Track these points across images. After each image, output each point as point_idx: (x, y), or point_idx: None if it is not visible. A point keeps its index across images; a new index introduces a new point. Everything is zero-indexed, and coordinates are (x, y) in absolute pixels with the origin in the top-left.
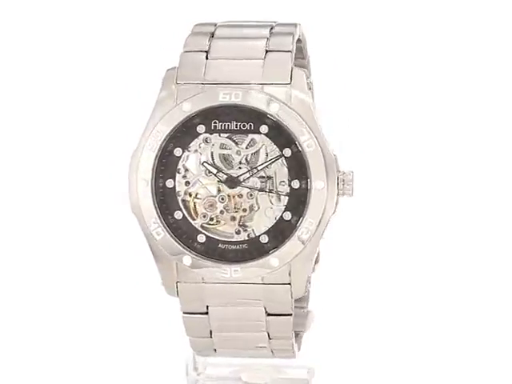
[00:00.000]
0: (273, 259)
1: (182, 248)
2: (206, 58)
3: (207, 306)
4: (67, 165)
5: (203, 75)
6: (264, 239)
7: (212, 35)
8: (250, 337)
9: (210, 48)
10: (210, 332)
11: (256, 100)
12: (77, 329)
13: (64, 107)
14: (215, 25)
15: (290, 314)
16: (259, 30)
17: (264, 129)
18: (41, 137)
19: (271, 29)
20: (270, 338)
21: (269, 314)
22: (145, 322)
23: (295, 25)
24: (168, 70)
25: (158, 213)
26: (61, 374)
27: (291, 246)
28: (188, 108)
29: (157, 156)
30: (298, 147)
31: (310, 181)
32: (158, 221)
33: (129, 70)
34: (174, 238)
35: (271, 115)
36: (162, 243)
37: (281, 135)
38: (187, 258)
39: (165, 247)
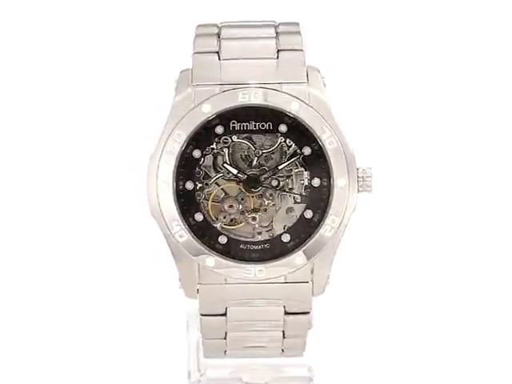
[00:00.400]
0: (298, 257)
1: (205, 249)
2: (219, 59)
3: (226, 308)
4: (71, 167)
5: (219, 76)
6: (286, 238)
7: (218, 36)
8: (263, 336)
9: (220, 49)
10: (225, 333)
11: (276, 99)
12: (76, 328)
13: (68, 110)
14: (217, 26)
15: (308, 312)
16: (264, 29)
17: (283, 128)
18: (45, 140)
19: (275, 28)
20: (283, 337)
21: (287, 313)
22: (146, 323)
23: (297, 24)
24: (182, 71)
25: (180, 215)
26: (63, 374)
27: (315, 244)
28: (208, 109)
29: (177, 158)
30: (318, 145)
31: (333, 178)
32: (181, 223)
33: (127, 72)
34: (196, 240)
35: (291, 114)
36: (184, 245)
37: (300, 134)
38: (210, 260)
39: (188, 249)
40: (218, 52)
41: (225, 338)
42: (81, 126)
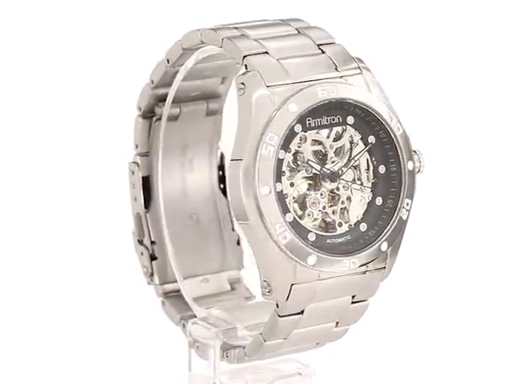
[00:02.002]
0: (382, 245)
1: (306, 248)
2: (275, 59)
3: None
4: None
5: (287, 75)
6: (363, 227)
7: (247, 38)
8: (319, 330)
9: (267, 49)
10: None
11: (347, 92)
12: (76, 328)
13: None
14: (235, 27)
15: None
16: (281, 27)
17: (350, 120)
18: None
19: (289, 25)
20: (335, 327)
21: (353, 302)
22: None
23: (303, 20)
24: (242, 75)
25: (282, 216)
26: (65, 373)
27: (395, 229)
28: (295, 109)
29: (274, 161)
30: (386, 132)
31: (403, 163)
32: (284, 224)
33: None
34: (299, 239)
35: (362, 105)
36: (288, 246)
37: (366, 123)
38: (312, 258)
39: (290, 250)
40: (267, 52)
41: (285, 338)
42: None
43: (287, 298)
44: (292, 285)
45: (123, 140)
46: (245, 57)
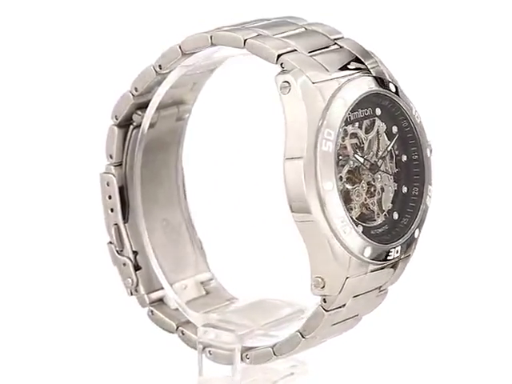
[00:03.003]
0: (416, 231)
1: (363, 240)
2: (307, 55)
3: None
4: None
5: (326, 71)
6: (396, 216)
7: (270, 37)
8: (348, 323)
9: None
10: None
11: (385, 84)
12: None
13: None
14: (246, 28)
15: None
16: (288, 26)
17: (378, 111)
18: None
19: (292, 24)
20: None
21: (380, 291)
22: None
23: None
24: (283, 74)
25: (345, 211)
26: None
27: (423, 216)
28: (343, 103)
29: (334, 156)
30: (407, 122)
31: (423, 151)
32: (347, 219)
33: None
34: (357, 232)
35: (391, 96)
36: (347, 240)
37: (391, 114)
38: (368, 250)
39: (351, 244)
40: (296, 50)
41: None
42: None
43: (339, 292)
44: (347, 278)
45: (78, 151)
46: (279, 56)
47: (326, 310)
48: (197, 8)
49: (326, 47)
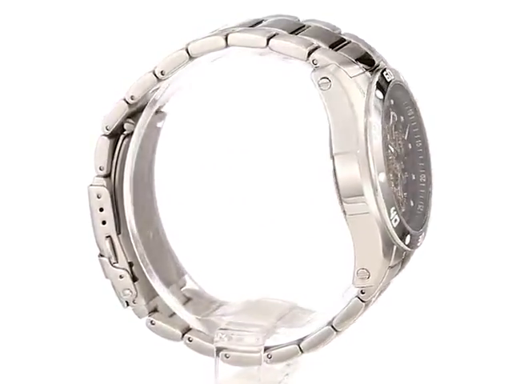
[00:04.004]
0: (430, 216)
1: (407, 229)
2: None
3: None
4: None
5: (356, 64)
6: (412, 203)
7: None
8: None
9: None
10: None
11: (396, 75)
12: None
13: None
14: (257, 28)
15: None
16: (293, 25)
17: (392, 101)
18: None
19: (294, 22)
20: None
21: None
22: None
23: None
24: (318, 70)
25: (396, 201)
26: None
27: (431, 202)
28: (381, 96)
29: (382, 147)
30: (413, 111)
31: (425, 139)
32: (397, 208)
33: None
34: (403, 221)
35: (403, 85)
36: (396, 229)
37: (400, 104)
38: (408, 237)
39: (397, 231)
40: (318, 46)
41: None
42: None
43: (380, 282)
44: (389, 267)
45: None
46: (310, 53)
47: (364, 302)
48: (174, 15)
49: (341, 41)
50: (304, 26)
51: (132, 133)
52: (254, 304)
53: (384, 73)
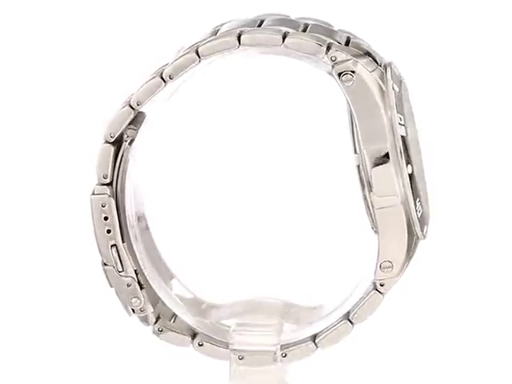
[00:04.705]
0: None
1: (426, 219)
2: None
3: None
4: None
5: (372, 60)
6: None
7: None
8: None
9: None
10: None
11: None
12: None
13: None
14: (263, 27)
15: None
16: (294, 23)
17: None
18: None
19: (293, 21)
20: None
21: None
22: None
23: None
24: (340, 64)
25: (420, 192)
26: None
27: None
28: (397, 89)
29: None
30: (407, 102)
31: (415, 129)
32: (420, 198)
33: None
34: (423, 212)
35: (402, 77)
36: (420, 220)
37: (406, 98)
38: (426, 227)
39: (420, 223)
40: (332, 43)
41: None
42: None
43: (402, 273)
44: (410, 258)
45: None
46: (328, 49)
47: (381, 294)
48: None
49: (348, 39)
50: (304, 23)
51: (133, 140)
52: (250, 305)
53: (393, 66)
